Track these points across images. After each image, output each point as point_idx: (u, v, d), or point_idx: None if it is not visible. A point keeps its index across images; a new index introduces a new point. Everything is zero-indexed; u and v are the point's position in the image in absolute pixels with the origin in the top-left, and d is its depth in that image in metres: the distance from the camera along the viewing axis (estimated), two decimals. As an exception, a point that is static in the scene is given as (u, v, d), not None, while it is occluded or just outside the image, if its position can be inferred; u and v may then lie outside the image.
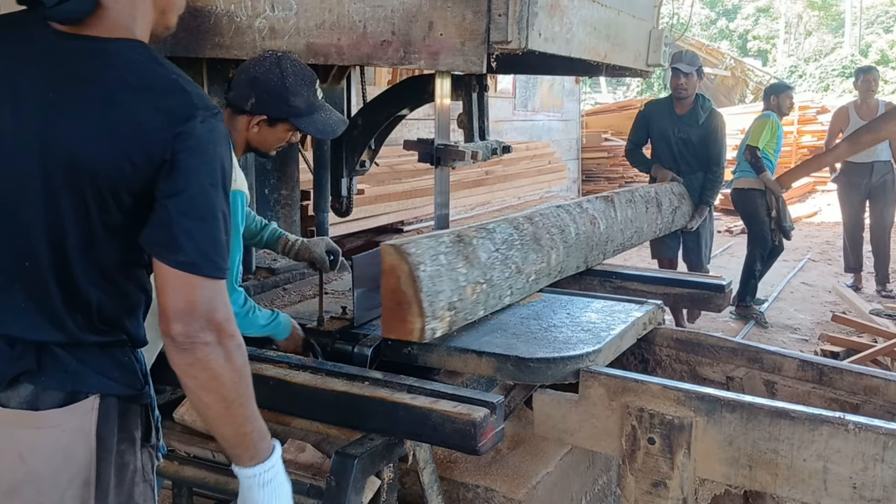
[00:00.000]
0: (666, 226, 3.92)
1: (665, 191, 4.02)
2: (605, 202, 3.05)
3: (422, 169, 5.33)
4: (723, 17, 31.10)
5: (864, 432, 1.57)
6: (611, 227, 2.97)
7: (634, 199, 3.43)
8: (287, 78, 1.98)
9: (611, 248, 3.01)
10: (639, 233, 3.38)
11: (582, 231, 2.71)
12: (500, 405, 1.69)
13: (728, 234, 9.48)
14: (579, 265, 2.72)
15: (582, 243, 2.71)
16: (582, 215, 2.77)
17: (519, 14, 1.87)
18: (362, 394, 1.75)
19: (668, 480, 1.73)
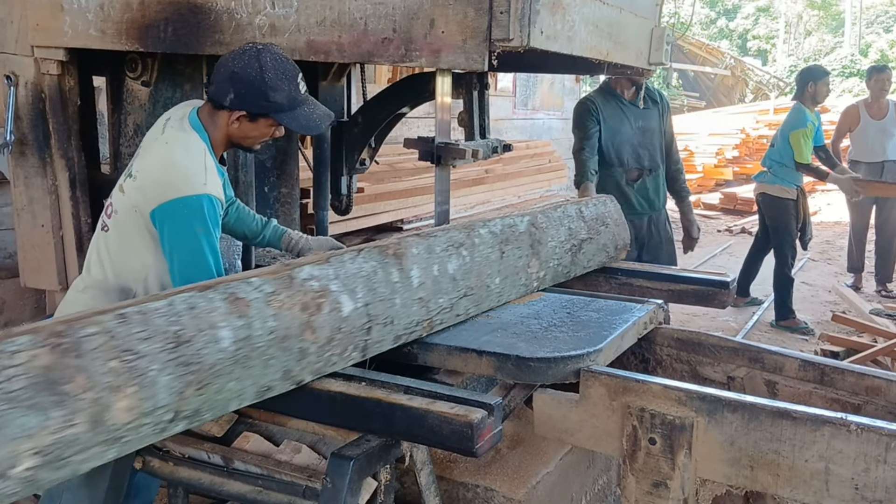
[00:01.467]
0: (557, 271, 2.48)
1: (558, 217, 2.51)
2: (380, 257, 1.85)
3: (422, 167, 5.32)
4: (723, 17, 31.10)
5: (866, 433, 1.56)
6: (385, 301, 1.82)
7: (470, 240, 2.10)
8: (266, 72, 1.93)
9: (385, 334, 1.84)
10: (478, 294, 2.12)
11: (265, 330, 1.56)
12: (499, 406, 1.66)
13: (728, 233, 9.48)
14: (269, 385, 1.61)
15: (261, 353, 1.55)
16: (280, 297, 1.61)
17: (521, 11, 1.86)
18: (359, 394, 1.71)
19: (668, 481, 1.72)
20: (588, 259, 2.66)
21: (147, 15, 2.32)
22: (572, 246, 2.55)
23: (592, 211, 2.74)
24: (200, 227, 1.91)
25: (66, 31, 2.47)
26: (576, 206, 2.68)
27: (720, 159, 12.42)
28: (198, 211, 1.91)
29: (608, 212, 2.84)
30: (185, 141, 2.01)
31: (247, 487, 1.83)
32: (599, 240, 2.72)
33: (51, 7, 2.48)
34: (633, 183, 4.05)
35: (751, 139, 13.08)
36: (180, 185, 1.92)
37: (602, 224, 2.77)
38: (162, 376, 1.38)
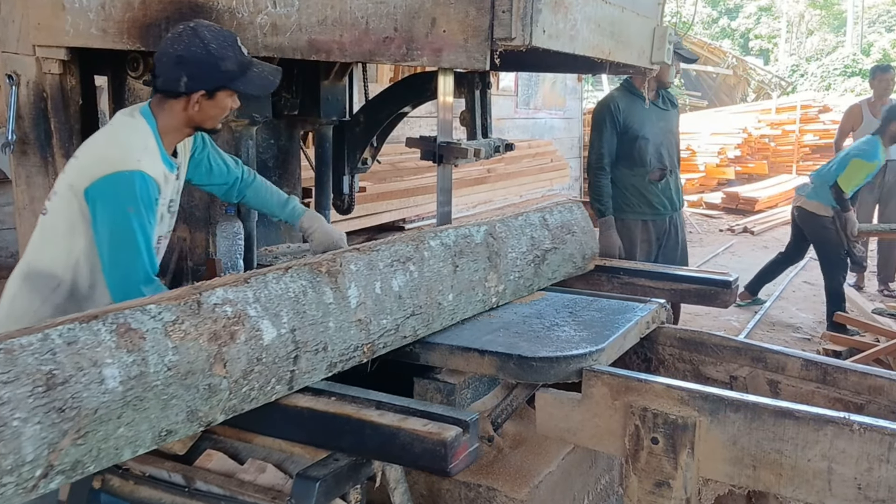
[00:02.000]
0: (519, 284, 2.34)
1: (520, 226, 2.37)
2: (312, 275, 1.70)
3: (424, 167, 5.32)
4: (724, 16, 31.06)
5: (869, 432, 1.56)
6: (315, 326, 1.66)
7: (419, 254, 1.96)
8: (210, 45, 1.92)
9: (316, 363, 1.67)
10: (428, 313, 1.97)
11: (164, 365, 1.38)
12: (474, 423, 1.57)
13: (730, 232, 9.47)
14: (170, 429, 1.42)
15: (158, 392, 1.37)
16: (183, 327, 1.43)
17: (523, 10, 1.86)
18: (327, 410, 1.61)
19: (671, 480, 1.72)
20: (553, 270, 2.50)
21: (148, 14, 2.32)
22: (535, 257, 2.39)
23: (557, 219, 2.56)
24: (131, 206, 1.87)
25: (67, 30, 2.47)
26: (539, 213, 2.51)
27: (722, 159, 12.41)
28: (129, 188, 1.86)
29: (574, 219, 2.65)
30: (130, 123, 2.00)
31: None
32: (565, 249, 2.55)
33: (52, 6, 2.48)
34: (657, 183, 4.00)
35: (753, 138, 13.06)
36: (114, 160, 1.89)
37: (568, 232, 2.58)
38: (28, 426, 1.18)
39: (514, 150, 2.88)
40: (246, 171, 2.39)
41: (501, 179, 6.60)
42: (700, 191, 11.86)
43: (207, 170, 2.28)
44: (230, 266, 2.58)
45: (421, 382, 2.06)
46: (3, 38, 2.67)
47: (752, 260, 7.88)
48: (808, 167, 13.11)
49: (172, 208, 2.18)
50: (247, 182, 2.38)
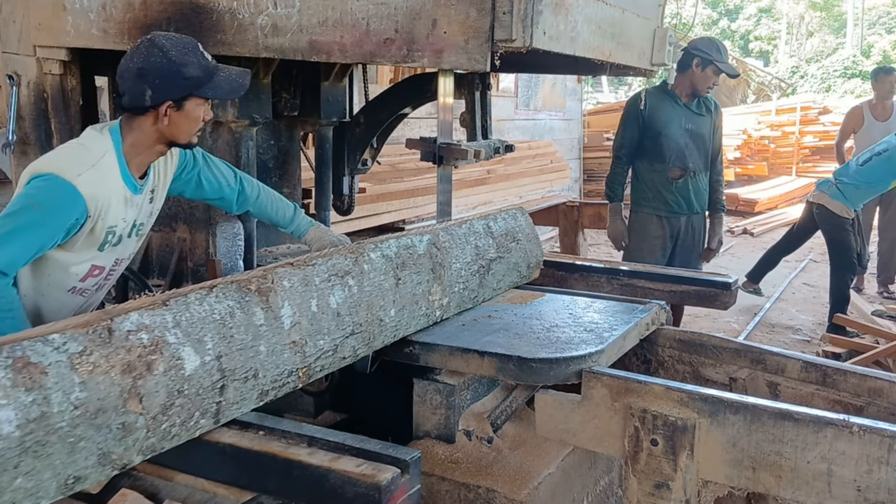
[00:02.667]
0: (464, 296, 2.23)
1: (463, 235, 2.25)
2: (240, 294, 1.55)
3: (424, 168, 5.32)
4: (724, 18, 31.07)
5: (868, 434, 1.56)
6: (245, 351, 1.51)
7: (358, 267, 1.83)
8: (170, 53, 1.84)
9: (246, 391, 1.53)
10: (369, 331, 1.84)
11: (70, 404, 1.22)
12: (415, 462, 1.43)
13: (730, 234, 9.46)
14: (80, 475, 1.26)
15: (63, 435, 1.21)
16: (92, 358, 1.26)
17: (523, 12, 1.86)
18: (252, 447, 1.46)
19: (670, 482, 1.72)
20: (498, 280, 2.41)
21: (149, 15, 2.32)
22: (480, 267, 2.29)
23: (502, 226, 2.47)
24: (38, 206, 1.77)
25: (68, 30, 2.47)
26: (483, 221, 2.40)
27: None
28: (50, 192, 1.78)
29: (519, 226, 2.55)
30: (91, 137, 1.92)
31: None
32: (510, 258, 2.46)
33: (53, 7, 2.48)
34: (675, 181, 4.07)
35: (752, 140, 13.07)
36: (56, 165, 1.83)
37: (512, 240, 2.49)
38: None
39: (513, 151, 2.88)
40: (247, 186, 2.31)
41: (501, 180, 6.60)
42: (700, 192, 11.85)
43: (197, 186, 2.21)
44: (230, 267, 2.59)
45: (420, 383, 2.06)
46: (4, 38, 2.67)
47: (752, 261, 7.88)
48: (808, 169, 13.14)
49: (140, 231, 2.10)
50: (248, 197, 2.31)
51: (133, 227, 2.05)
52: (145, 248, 2.76)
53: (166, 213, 2.71)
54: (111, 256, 2.03)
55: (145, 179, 2.02)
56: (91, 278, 2.02)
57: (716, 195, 4.22)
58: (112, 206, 1.91)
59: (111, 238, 1.97)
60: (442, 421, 2.04)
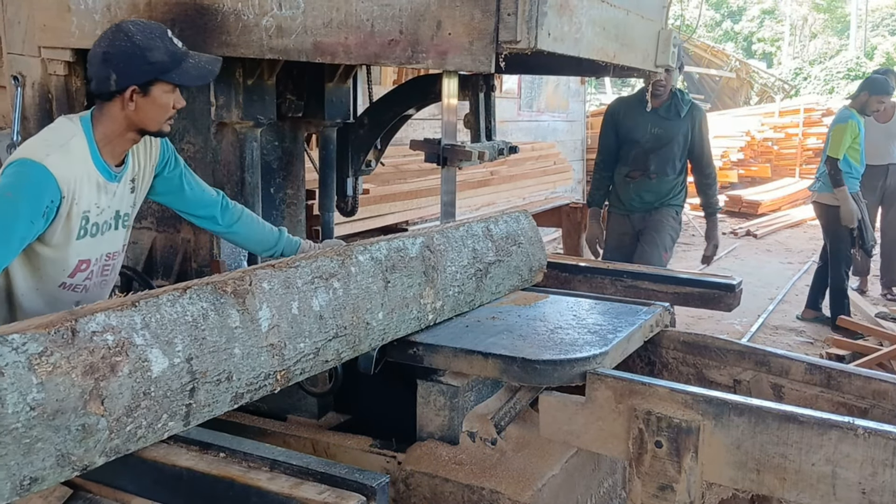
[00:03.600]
0: (459, 300, 2.20)
1: (461, 237, 2.23)
2: (215, 296, 1.51)
3: (427, 169, 5.32)
4: (728, 19, 31.06)
5: (873, 437, 1.55)
6: (217, 353, 1.47)
7: (344, 269, 1.80)
8: (135, 37, 1.83)
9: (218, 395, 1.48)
10: (354, 334, 1.81)
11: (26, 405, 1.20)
12: (382, 489, 1.38)
13: (733, 235, 9.46)
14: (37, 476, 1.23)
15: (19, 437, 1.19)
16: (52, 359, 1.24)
17: (528, 14, 1.86)
18: (209, 472, 1.42)
19: (675, 484, 1.72)
20: (497, 284, 2.37)
21: (154, 16, 2.32)
22: (477, 271, 2.25)
23: (503, 229, 2.42)
24: (11, 193, 1.77)
25: (73, 31, 2.47)
26: (483, 223, 2.37)
27: (725, 162, 12.41)
28: (21, 176, 1.79)
29: (521, 229, 2.52)
30: (60, 123, 1.94)
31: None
32: (510, 262, 2.42)
33: (58, 8, 2.49)
34: (632, 181, 4.25)
35: (756, 142, 13.07)
36: (26, 151, 1.84)
37: (514, 244, 2.45)
38: None
39: (517, 152, 2.88)
40: (231, 204, 2.30)
41: (505, 182, 6.60)
42: (703, 194, 11.84)
43: (179, 190, 2.19)
44: (234, 267, 2.59)
45: (424, 385, 2.06)
46: (9, 39, 2.68)
47: (755, 263, 7.88)
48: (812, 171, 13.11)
49: (126, 222, 2.09)
50: (233, 212, 2.29)
51: (117, 217, 2.04)
52: (149, 249, 2.77)
53: (171, 214, 2.72)
54: (96, 249, 2.01)
55: (123, 168, 2.02)
56: (79, 273, 2.00)
57: (705, 198, 4.31)
58: (84, 189, 1.89)
59: (86, 225, 1.94)
60: (446, 422, 2.04)
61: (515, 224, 2.51)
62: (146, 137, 2.04)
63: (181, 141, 2.66)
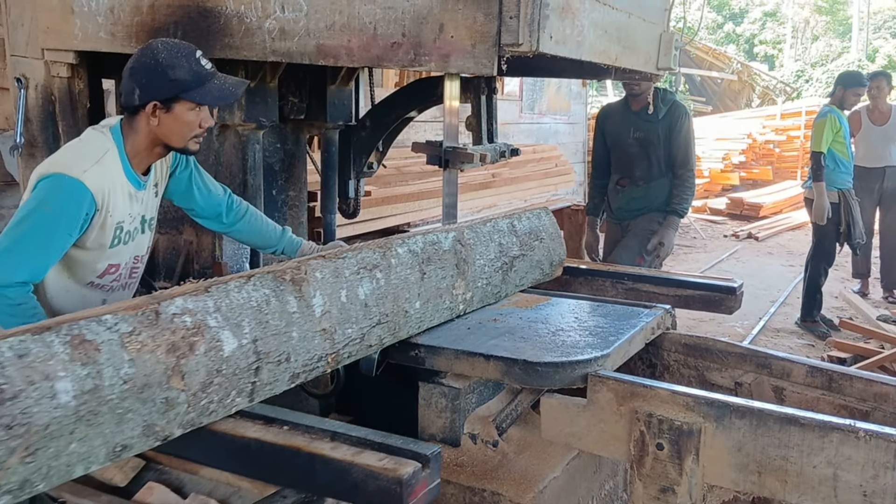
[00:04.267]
0: (487, 291, 2.31)
1: (487, 232, 2.34)
2: (275, 283, 1.64)
3: (429, 171, 5.33)
4: (730, 22, 31.05)
5: (874, 440, 1.56)
6: (278, 336, 1.60)
7: (386, 261, 1.92)
8: (159, 55, 1.90)
9: (278, 374, 1.61)
10: (395, 321, 1.93)
11: (119, 379, 1.32)
12: (436, 457, 1.46)
13: (734, 238, 9.46)
14: (126, 443, 1.36)
15: (113, 407, 1.31)
16: (140, 338, 1.37)
17: (530, 16, 1.86)
18: (276, 442, 1.50)
19: (676, 486, 1.72)
20: (521, 277, 2.48)
21: (157, 18, 2.33)
22: (503, 264, 2.37)
23: (526, 225, 2.55)
24: (51, 208, 1.84)
25: (76, 34, 2.48)
26: (507, 220, 2.50)
27: (727, 164, 12.42)
28: (58, 191, 1.85)
29: (543, 225, 2.65)
30: (92, 136, 1.99)
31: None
32: (533, 256, 2.54)
33: (61, 10, 2.49)
34: (622, 189, 4.21)
35: (757, 144, 13.07)
36: (61, 164, 1.89)
37: (536, 239, 2.57)
38: None
39: (519, 154, 2.88)
40: (236, 202, 2.33)
41: (506, 184, 6.60)
42: (704, 196, 11.85)
43: (188, 190, 2.22)
44: (236, 269, 2.59)
45: (426, 387, 2.06)
46: (13, 41, 2.69)
47: (756, 266, 7.88)
48: (813, 173, 13.09)
49: (151, 225, 2.16)
50: (237, 211, 2.32)
51: (143, 222, 2.11)
52: (152, 251, 2.77)
53: (173, 216, 2.73)
54: (127, 253, 2.07)
55: (148, 175, 2.09)
56: (108, 275, 2.06)
57: (672, 199, 4.04)
58: (118, 200, 1.96)
59: (120, 234, 2.01)
60: (447, 424, 2.04)
61: (537, 220, 2.63)
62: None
63: (184, 143, 2.66)
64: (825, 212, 5.22)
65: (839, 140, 5.34)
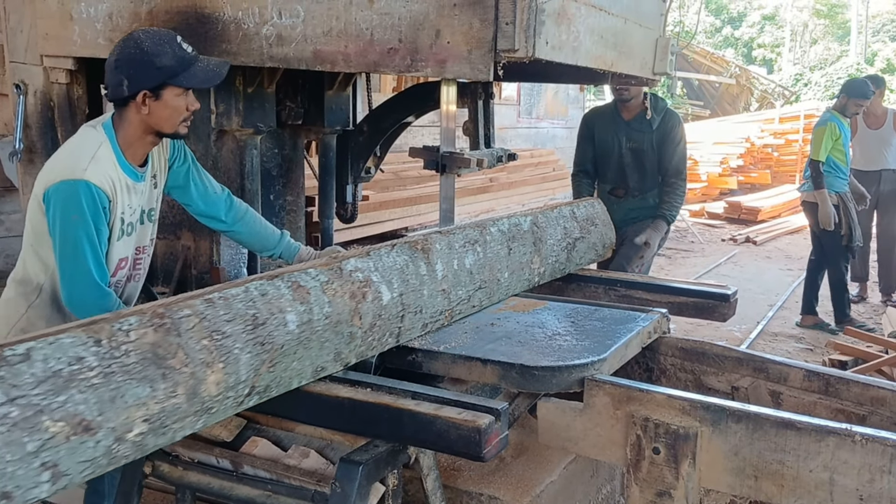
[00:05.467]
0: (555, 268, 2.68)
1: (555, 217, 2.71)
2: (411, 251, 2.02)
3: (426, 176, 5.34)
4: (728, 25, 31.12)
5: (871, 444, 1.56)
6: (415, 292, 1.98)
7: (483, 238, 2.28)
8: (143, 44, 1.93)
9: (415, 322, 1.99)
10: (490, 287, 2.28)
11: (322, 315, 1.70)
12: (505, 412, 1.68)
13: (732, 242, 9.46)
14: (322, 365, 1.74)
15: (319, 335, 1.70)
16: (333, 286, 1.75)
17: (526, 22, 1.87)
18: (367, 400, 1.73)
19: (672, 490, 1.72)
20: (580, 256, 2.87)
21: (155, 24, 2.34)
22: (567, 244, 2.76)
23: (583, 212, 2.96)
24: (76, 214, 1.89)
25: (75, 40, 2.49)
26: (569, 207, 2.89)
27: (725, 168, 12.42)
28: (74, 197, 1.89)
29: (596, 213, 3.06)
30: (85, 133, 2.02)
31: (255, 492, 1.85)
32: (590, 238, 2.95)
33: (60, 17, 2.50)
34: (617, 200, 3.99)
35: (755, 148, 13.07)
36: (62, 169, 1.92)
37: (592, 224, 2.99)
38: (243, 354, 1.53)
39: (516, 159, 2.89)
40: (236, 202, 2.34)
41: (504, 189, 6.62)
42: (702, 200, 11.86)
43: (185, 185, 2.24)
44: (234, 274, 2.60)
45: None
46: (12, 47, 2.69)
47: (754, 270, 7.88)
48: (811, 177, 13.10)
49: (152, 216, 2.17)
50: (237, 211, 2.33)
51: (143, 213, 2.12)
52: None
53: (171, 221, 2.73)
54: (130, 245, 2.08)
55: (145, 167, 2.10)
56: (120, 271, 2.08)
57: (662, 204, 3.91)
58: (117, 193, 1.99)
59: (122, 226, 2.03)
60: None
61: (592, 209, 3.06)
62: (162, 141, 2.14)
63: (182, 148, 2.67)
64: (832, 217, 5.22)
65: (838, 148, 5.34)
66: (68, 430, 1.23)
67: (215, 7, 2.25)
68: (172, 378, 1.39)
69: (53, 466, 1.22)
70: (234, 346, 1.51)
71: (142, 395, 1.34)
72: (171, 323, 1.42)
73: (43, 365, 1.23)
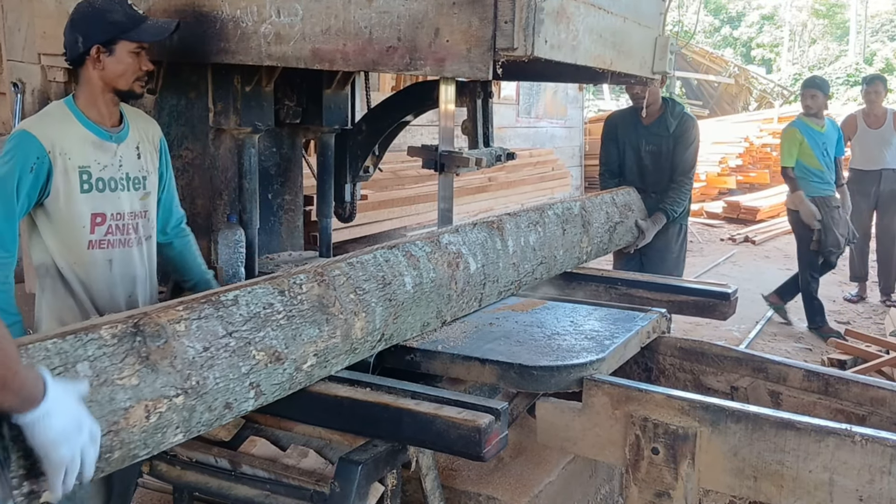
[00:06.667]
0: (599, 247, 3.07)
1: (599, 203, 3.13)
2: (489, 230, 2.35)
3: (425, 175, 5.33)
4: (727, 25, 31.12)
5: (870, 444, 1.56)
6: (493, 264, 2.30)
7: (543, 219, 2.65)
8: (95, 2, 2.04)
9: (493, 290, 2.34)
10: (549, 263, 2.64)
11: (429, 279, 2.03)
12: (505, 412, 1.68)
13: (731, 242, 9.46)
14: (428, 321, 2.07)
15: (427, 296, 2.02)
16: (435, 256, 2.08)
17: (525, 21, 1.86)
18: (366, 399, 1.74)
19: (671, 491, 1.72)
20: (620, 238, 3.32)
21: (153, 23, 2.32)
22: (609, 227, 3.19)
23: (622, 199, 3.46)
24: (5, 158, 1.96)
25: (72, 38, 2.47)
26: (610, 194, 3.37)
27: (723, 168, 12.41)
28: (7, 143, 1.97)
29: (632, 200, 3.56)
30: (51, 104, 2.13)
31: (254, 491, 1.85)
32: (627, 223, 3.41)
33: (58, 15, 2.49)
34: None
35: (754, 148, 13.06)
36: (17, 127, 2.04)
37: (629, 210, 3.44)
38: (378, 307, 1.85)
39: (515, 158, 2.88)
40: (183, 225, 2.38)
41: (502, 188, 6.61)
42: (701, 200, 11.85)
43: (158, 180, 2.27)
44: (232, 274, 2.59)
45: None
46: (9, 46, 2.69)
47: (753, 269, 7.88)
48: (810, 176, 13.09)
49: (137, 186, 2.15)
50: (181, 232, 2.37)
51: (127, 179, 2.12)
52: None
53: (169, 220, 2.72)
54: (108, 205, 2.08)
55: (122, 130, 2.13)
56: (97, 227, 2.07)
57: (666, 199, 3.93)
58: (75, 146, 2.02)
59: (89, 180, 2.04)
60: (443, 429, 2.05)
61: (629, 196, 3.52)
62: (146, 117, 2.25)
63: (180, 147, 2.66)
64: (813, 214, 5.21)
65: (806, 152, 5.29)
66: (266, 358, 1.57)
67: (213, 5, 2.24)
68: (333, 322, 1.73)
69: (257, 386, 1.55)
70: (371, 300, 1.84)
71: (313, 335, 1.69)
72: (328, 279, 1.77)
73: (247, 308, 1.58)
